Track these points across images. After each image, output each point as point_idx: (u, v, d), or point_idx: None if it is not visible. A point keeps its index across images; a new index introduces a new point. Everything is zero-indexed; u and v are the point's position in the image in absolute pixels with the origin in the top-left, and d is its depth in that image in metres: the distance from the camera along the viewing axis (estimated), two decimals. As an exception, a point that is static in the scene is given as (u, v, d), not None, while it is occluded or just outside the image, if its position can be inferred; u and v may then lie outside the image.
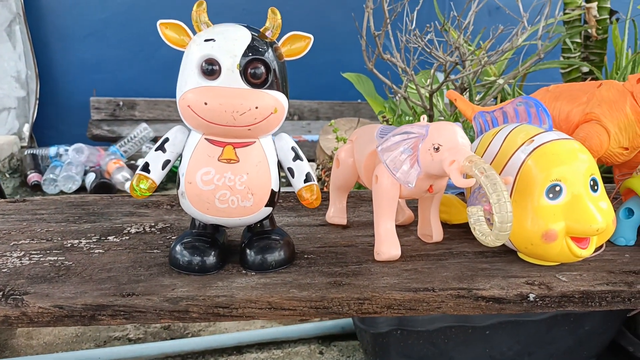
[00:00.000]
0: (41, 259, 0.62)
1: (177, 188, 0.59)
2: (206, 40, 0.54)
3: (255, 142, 0.57)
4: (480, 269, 0.60)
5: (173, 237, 0.68)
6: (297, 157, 0.60)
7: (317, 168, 1.72)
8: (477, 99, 1.32)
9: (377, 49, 1.26)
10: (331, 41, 2.80)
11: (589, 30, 1.65)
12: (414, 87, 1.45)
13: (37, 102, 2.55)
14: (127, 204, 0.79)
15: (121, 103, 2.56)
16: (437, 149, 0.55)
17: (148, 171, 0.58)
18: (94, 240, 0.67)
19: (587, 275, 0.58)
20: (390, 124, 1.22)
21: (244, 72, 0.54)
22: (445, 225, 0.68)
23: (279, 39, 0.58)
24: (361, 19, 1.26)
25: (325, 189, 1.63)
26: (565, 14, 1.68)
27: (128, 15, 2.55)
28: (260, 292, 0.55)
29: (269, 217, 0.62)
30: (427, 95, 1.30)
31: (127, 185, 2.06)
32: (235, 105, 0.53)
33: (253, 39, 0.55)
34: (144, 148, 2.42)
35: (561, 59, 1.73)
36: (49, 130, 2.59)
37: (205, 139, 0.57)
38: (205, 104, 0.53)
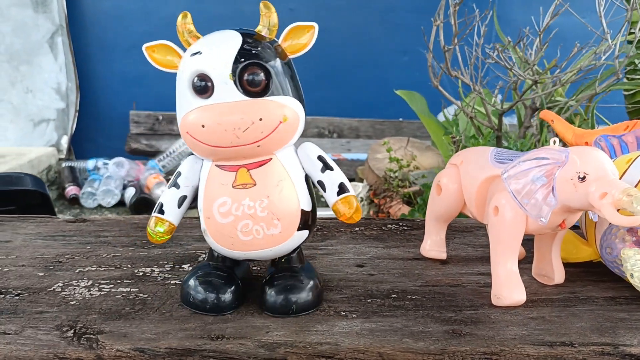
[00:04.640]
0: (112, 290, 0.56)
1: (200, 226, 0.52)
2: (192, 55, 0.48)
3: (271, 158, 0.49)
4: (619, 320, 0.51)
5: (254, 267, 0.61)
6: (326, 166, 0.52)
7: (369, 190, 1.64)
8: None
9: (445, 64, 1.19)
10: (371, 57, 2.74)
11: (659, 51, 1.55)
12: (477, 105, 1.37)
13: (77, 114, 2.53)
14: (195, 227, 0.72)
15: (160, 117, 2.53)
16: (582, 179, 0.47)
17: (163, 212, 0.51)
18: (168, 268, 0.61)
19: None
20: (461, 145, 1.15)
21: (239, 82, 0.46)
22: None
23: (278, 35, 0.50)
24: (429, 32, 1.19)
25: (377, 216, 1.55)
26: (630, 33, 1.59)
27: (171, 28, 2.51)
28: (367, 340, 0.47)
29: (297, 250, 0.54)
30: (496, 115, 1.22)
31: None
32: (234, 121, 0.46)
33: (244, 42, 0.47)
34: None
35: (625, 80, 1.64)
36: (87, 143, 2.56)
37: (216, 165, 0.50)
38: (203, 126, 0.46)
